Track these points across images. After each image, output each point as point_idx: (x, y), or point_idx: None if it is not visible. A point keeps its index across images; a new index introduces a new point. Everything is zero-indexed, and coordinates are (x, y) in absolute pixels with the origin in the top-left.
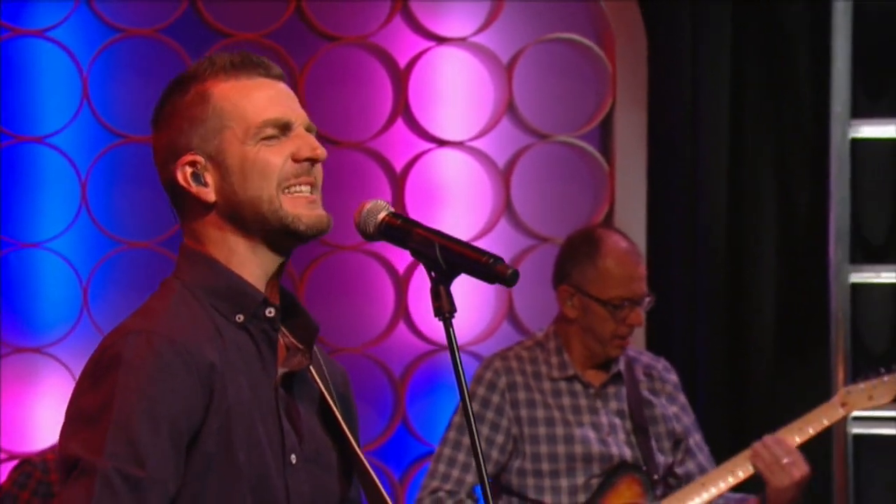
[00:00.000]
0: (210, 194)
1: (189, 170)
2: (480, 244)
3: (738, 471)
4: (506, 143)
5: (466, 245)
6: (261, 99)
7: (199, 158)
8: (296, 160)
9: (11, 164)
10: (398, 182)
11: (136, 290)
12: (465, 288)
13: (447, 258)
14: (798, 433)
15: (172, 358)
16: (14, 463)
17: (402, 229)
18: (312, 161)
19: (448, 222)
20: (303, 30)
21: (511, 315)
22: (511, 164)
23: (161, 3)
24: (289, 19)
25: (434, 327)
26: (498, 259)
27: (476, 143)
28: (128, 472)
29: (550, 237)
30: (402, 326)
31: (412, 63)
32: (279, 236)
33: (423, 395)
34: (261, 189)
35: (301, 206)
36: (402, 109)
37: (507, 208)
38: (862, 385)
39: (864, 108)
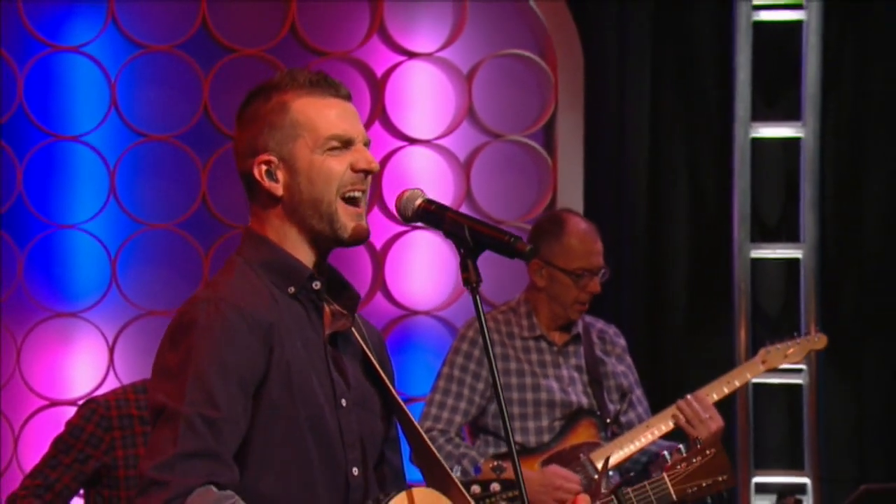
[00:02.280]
0: (279, 189)
1: (264, 167)
2: None
3: (664, 424)
4: (466, 141)
5: (490, 226)
6: (331, 116)
7: (274, 158)
8: (354, 170)
9: (51, 159)
10: (376, 175)
11: (157, 265)
12: (431, 261)
13: (475, 237)
14: (726, 385)
15: (237, 321)
16: (59, 409)
17: (436, 213)
18: (367, 172)
19: None
20: (296, 46)
21: None
22: (470, 158)
23: (177, 23)
24: (284, 38)
25: (405, 296)
26: (517, 238)
27: (441, 142)
28: (206, 414)
29: (504, 220)
30: (379, 295)
31: (387, 74)
32: (324, 237)
33: (396, 353)
34: (322, 192)
35: (350, 217)
36: (380, 113)
37: (467, 196)
38: (779, 346)
39: (762, 113)
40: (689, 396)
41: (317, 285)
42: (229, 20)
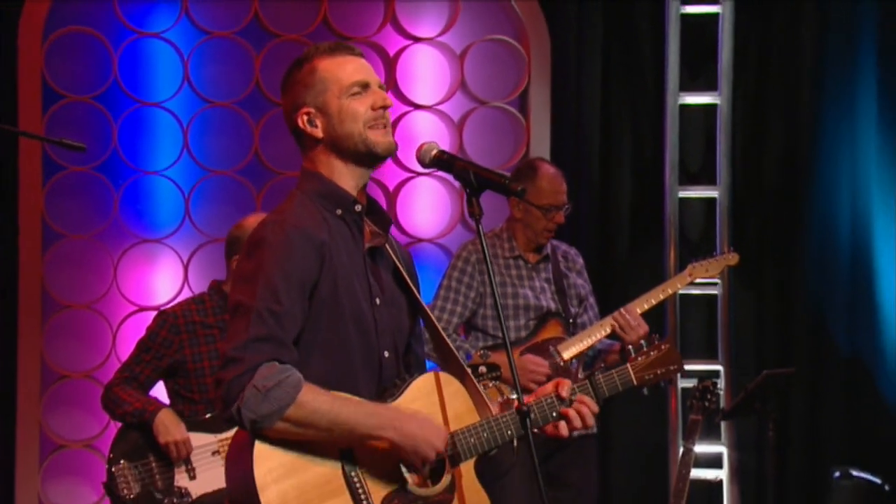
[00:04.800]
0: (319, 133)
1: (305, 117)
2: (441, 175)
3: (605, 329)
4: (459, 107)
5: (491, 171)
6: (349, 69)
7: (311, 109)
8: (373, 108)
9: (139, 121)
10: None
11: (220, 202)
12: (433, 201)
13: (478, 180)
14: (661, 293)
15: (297, 237)
16: (146, 313)
17: (447, 161)
18: (384, 108)
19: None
20: (327, 33)
21: (463, 219)
22: (462, 120)
23: (235, 15)
24: (318, 26)
25: (412, 227)
26: (512, 180)
27: (440, 107)
28: (272, 308)
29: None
30: (391, 227)
31: (398, 54)
32: (364, 157)
33: None
34: (352, 127)
35: (379, 135)
36: (392, 85)
37: (460, 149)
38: (702, 262)
39: (687, 84)
40: (621, 309)
41: (358, 208)
42: (276, 13)
